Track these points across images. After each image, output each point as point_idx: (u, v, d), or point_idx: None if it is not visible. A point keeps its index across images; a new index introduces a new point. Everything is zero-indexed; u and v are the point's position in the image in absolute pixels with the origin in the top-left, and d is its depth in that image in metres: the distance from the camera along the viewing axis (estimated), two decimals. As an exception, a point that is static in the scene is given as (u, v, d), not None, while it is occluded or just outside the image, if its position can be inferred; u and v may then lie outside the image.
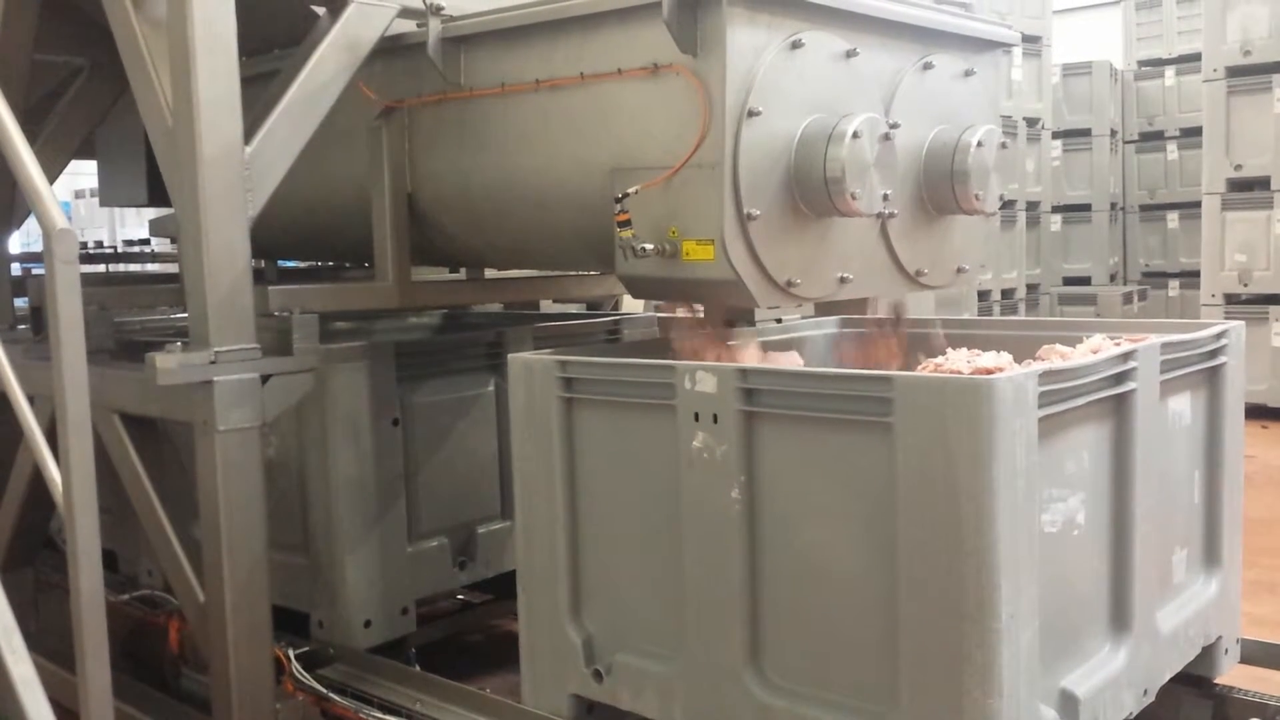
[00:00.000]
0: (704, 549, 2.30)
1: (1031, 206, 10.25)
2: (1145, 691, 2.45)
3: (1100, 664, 2.32)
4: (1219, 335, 2.72)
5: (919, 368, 2.54)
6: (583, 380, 2.50)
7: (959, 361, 2.51)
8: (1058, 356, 2.53)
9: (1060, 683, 2.20)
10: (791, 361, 2.95)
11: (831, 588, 2.15)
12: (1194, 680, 2.79)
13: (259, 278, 3.06)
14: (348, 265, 4.59)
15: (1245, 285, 7.70)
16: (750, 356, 2.92)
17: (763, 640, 2.26)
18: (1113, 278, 11.31)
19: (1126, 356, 2.34)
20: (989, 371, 2.24)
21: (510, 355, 2.64)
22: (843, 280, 2.78)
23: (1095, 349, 2.52)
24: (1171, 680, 2.61)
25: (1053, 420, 2.09)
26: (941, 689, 1.99)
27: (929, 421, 1.96)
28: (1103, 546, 2.35)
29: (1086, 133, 11.04)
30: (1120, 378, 2.33)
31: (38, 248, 2.69)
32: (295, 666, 3.02)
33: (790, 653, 2.23)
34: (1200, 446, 2.72)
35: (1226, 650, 2.83)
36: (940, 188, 2.91)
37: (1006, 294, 9.86)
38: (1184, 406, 2.63)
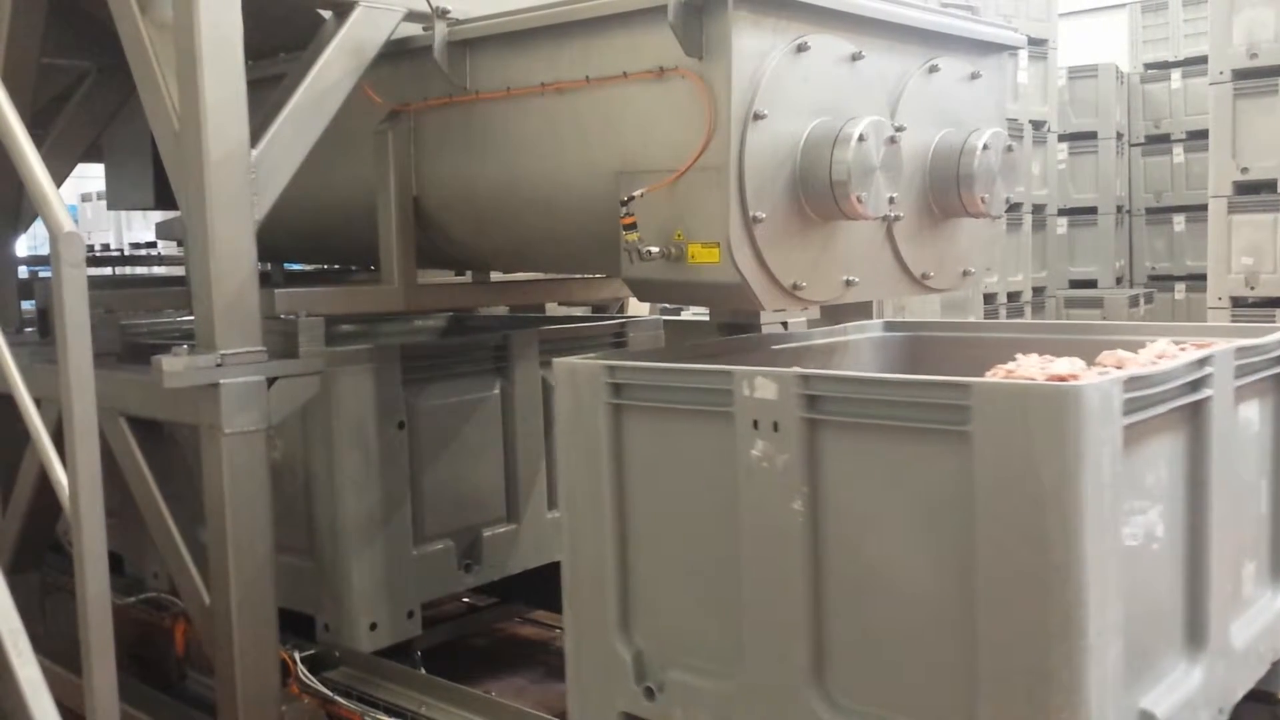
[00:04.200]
0: (764, 562, 2.19)
1: (1037, 209, 10.23)
2: (1220, 710, 2.35)
3: (1177, 682, 2.22)
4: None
5: (988, 374, 2.39)
6: (632, 386, 2.39)
7: (1031, 368, 2.36)
8: (1117, 363, 2.39)
9: (1139, 703, 2.10)
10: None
11: (901, 603, 2.04)
12: (1262, 697, 2.67)
13: (265, 281, 3.06)
14: (353, 268, 4.60)
15: (1252, 288, 7.68)
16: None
17: (827, 658, 2.15)
18: (1119, 281, 11.28)
19: (1203, 362, 2.23)
20: (1064, 378, 2.12)
21: (555, 360, 2.52)
22: (848, 283, 2.78)
23: (1160, 354, 2.41)
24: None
25: (1134, 429, 1.99)
26: (1023, 710, 1.89)
27: (1011, 430, 1.86)
28: (1178, 560, 2.25)
29: (1092, 135, 11.01)
30: (1197, 384, 2.23)
31: (44, 251, 2.69)
32: (301, 669, 3.02)
33: (857, 671, 2.12)
34: (1268, 454, 2.62)
35: (1294, 665, 2.70)
36: (946, 191, 2.90)
37: (1012, 297, 9.84)
38: (1253, 413, 2.53)
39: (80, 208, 15.17)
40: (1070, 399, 1.83)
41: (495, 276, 4.00)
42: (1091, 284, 11.00)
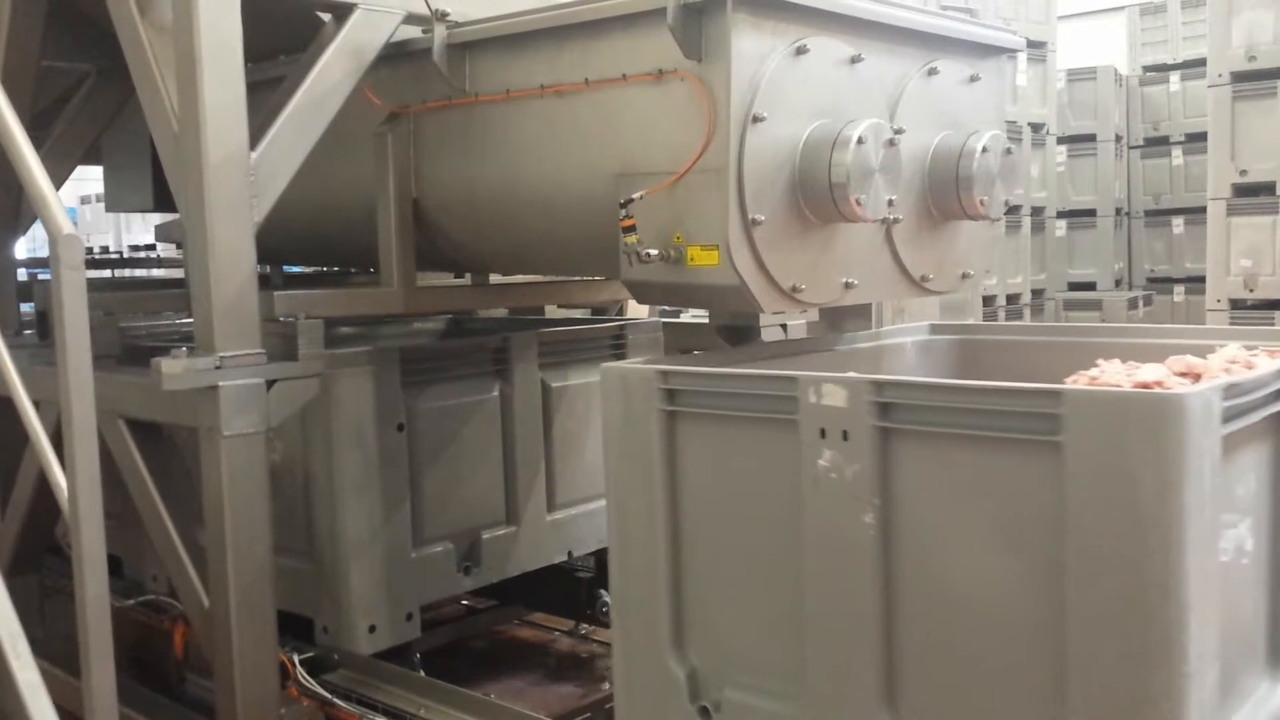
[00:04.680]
0: (831, 578, 2.08)
1: (1036, 212, 10.23)
2: None
3: (1260, 703, 2.13)
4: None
5: (1068, 381, 2.25)
6: (687, 392, 2.28)
7: (1116, 374, 2.23)
8: (1187, 369, 2.26)
9: (1227, 725, 2.00)
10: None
11: (981, 623, 1.94)
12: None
13: (264, 283, 3.06)
14: (353, 270, 4.60)
15: (1251, 291, 7.68)
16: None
17: (899, 679, 2.04)
18: (1118, 283, 11.28)
19: None
20: (1150, 385, 2.01)
21: (603, 366, 2.43)
22: (848, 285, 2.78)
23: (1233, 360, 2.30)
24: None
25: (1230, 439, 1.89)
26: (1119, 738, 1.78)
27: (1107, 440, 1.75)
28: (1262, 575, 2.16)
29: (1091, 138, 11.02)
30: (1286, 391, 2.11)
31: (44, 253, 2.69)
32: (300, 671, 3.02)
33: (931, 693, 2.01)
34: None
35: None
36: (945, 193, 2.91)
37: (1011, 299, 9.84)
38: None
39: (79, 210, 15.17)
40: (1173, 407, 1.72)
41: (494, 279, 4.00)
42: (1090, 286, 11.01)
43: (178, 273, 6.01)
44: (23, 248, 5.19)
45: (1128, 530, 1.75)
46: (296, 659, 3.04)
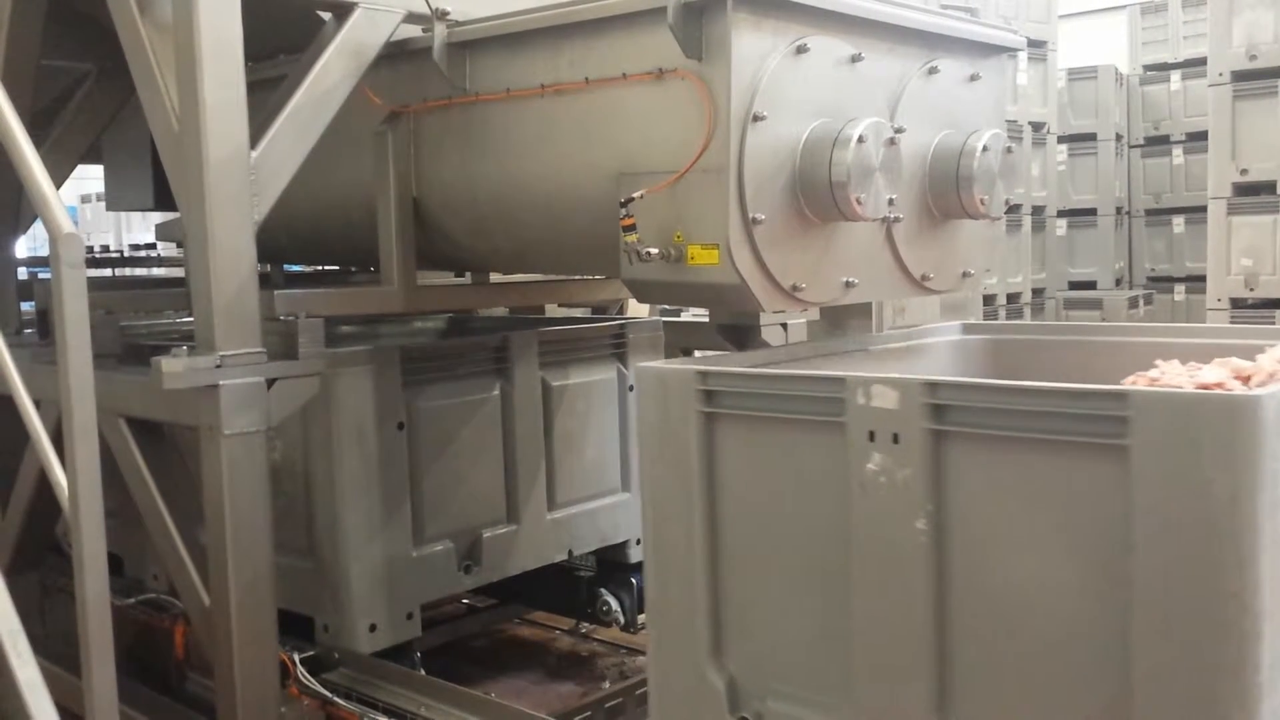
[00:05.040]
0: (881, 585, 2.01)
1: (1037, 211, 10.23)
2: None
3: None
4: None
5: (1125, 382, 2.17)
6: (727, 393, 2.21)
7: (1177, 375, 2.16)
8: (1236, 371, 2.19)
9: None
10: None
11: (1040, 632, 1.87)
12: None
13: (265, 282, 3.07)
14: (353, 270, 4.60)
15: (1251, 290, 7.68)
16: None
17: (952, 689, 1.97)
18: (1118, 282, 11.28)
19: None
20: (1210, 387, 1.95)
21: (638, 366, 2.37)
22: (848, 285, 2.78)
23: None
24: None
25: None
26: (1187, 754, 1.72)
27: (1177, 444, 1.69)
28: None
29: (1092, 137, 11.02)
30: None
31: (44, 252, 2.69)
32: (300, 670, 3.02)
33: (985, 704, 1.95)
34: None
35: None
36: (945, 192, 2.90)
37: (1012, 298, 9.84)
38: None
39: (80, 209, 15.18)
40: (1248, 410, 1.65)
41: (495, 278, 4.00)
42: (1091, 285, 11.01)
43: (178, 272, 6.00)
44: (23, 246, 5.19)
45: (1199, 537, 1.68)
46: (297, 658, 3.04)
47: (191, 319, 2.88)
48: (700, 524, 2.25)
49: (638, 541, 3.94)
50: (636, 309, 4.50)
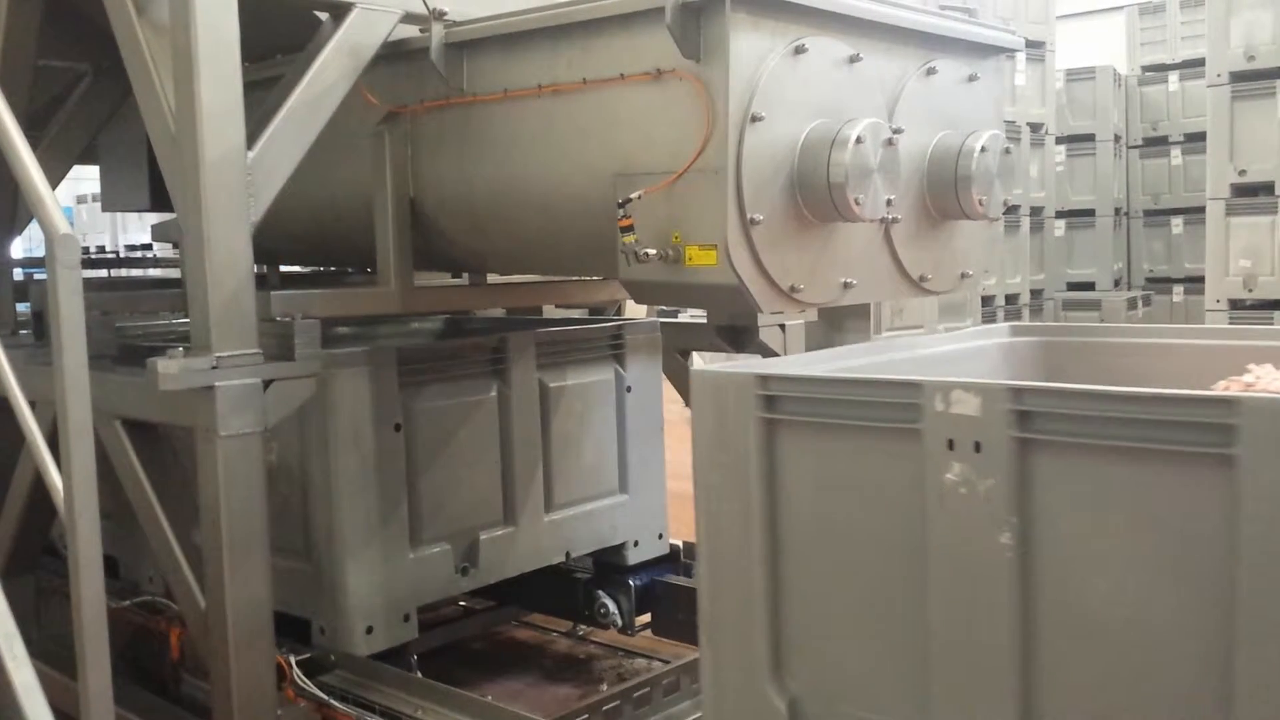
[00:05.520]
0: (960, 601, 1.91)
1: (1035, 212, 10.25)
2: None
3: None
4: None
5: (1219, 386, 2.07)
6: (789, 399, 2.10)
7: (1274, 380, 2.07)
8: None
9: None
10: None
11: (1132, 654, 1.78)
12: None
13: (261, 283, 3.06)
14: (350, 270, 4.59)
15: (1250, 290, 7.69)
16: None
17: (1038, 712, 1.88)
18: (1117, 283, 11.30)
19: None
20: None
21: (694, 369, 2.30)
22: (846, 285, 2.78)
23: None
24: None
25: None
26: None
27: None
28: None
29: (1090, 138, 11.04)
30: None
31: (40, 253, 2.68)
32: (296, 673, 3.01)
33: None
34: None
35: None
36: (944, 193, 2.90)
37: (1010, 299, 9.86)
38: None
39: (76, 210, 15.17)
40: None
41: (492, 278, 3.99)
42: (1089, 286, 11.03)
43: (174, 272, 5.99)
44: (19, 247, 5.18)
45: None
46: (293, 660, 3.03)
47: (187, 320, 2.88)
48: (760, 536, 2.14)
49: (635, 543, 3.93)
50: (634, 310, 4.49)
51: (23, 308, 4.13)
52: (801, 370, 2.20)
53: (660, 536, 4.03)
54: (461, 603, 4.28)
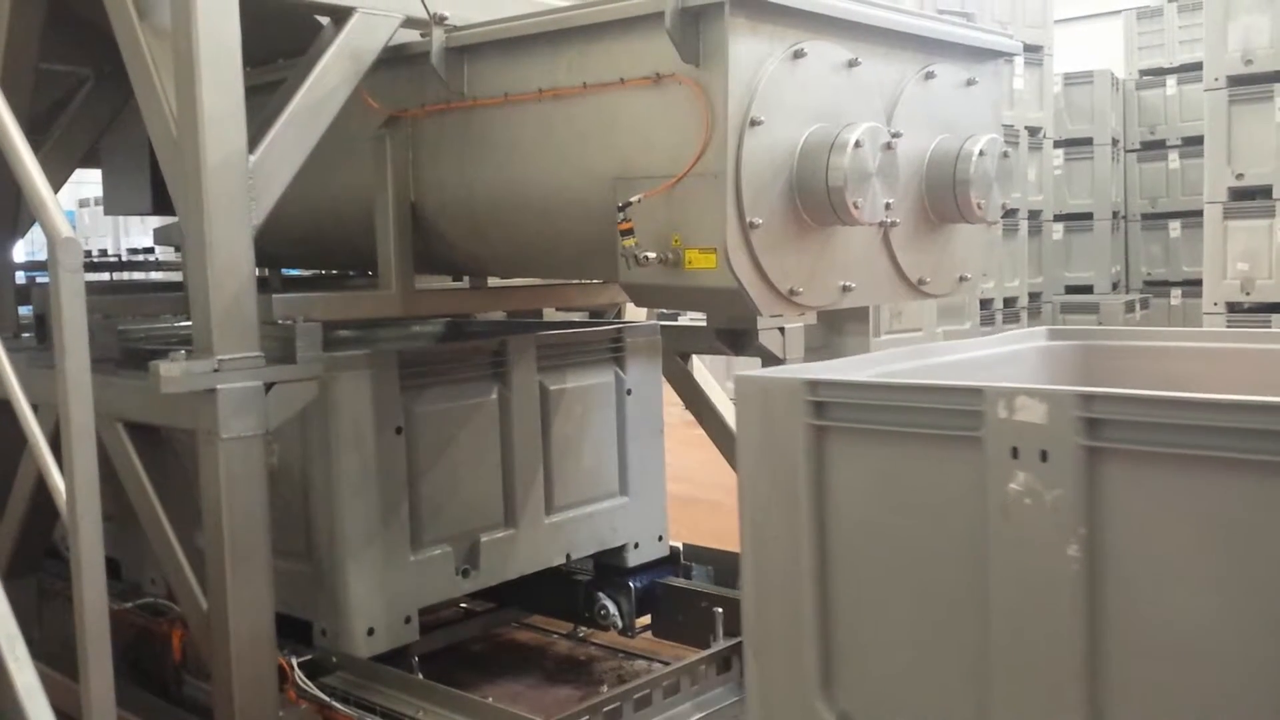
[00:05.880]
0: (1024, 615, 1.84)
1: (1033, 215, 10.26)
2: None
3: None
4: None
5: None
6: (840, 405, 2.03)
7: None
8: None
9: None
10: None
11: (1209, 678, 1.70)
12: None
13: (263, 286, 3.07)
14: (351, 274, 4.60)
15: (1248, 294, 7.70)
16: None
17: None
18: (1115, 286, 11.31)
19: None
20: None
21: (739, 375, 2.19)
22: (845, 289, 2.79)
23: None
24: None
25: None
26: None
27: None
28: None
29: (1088, 142, 11.05)
30: None
31: (42, 256, 2.69)
32: (298, 674, 3.02)
33: None
34: None
35: None
36: (942, 196, 2.91)
37: (1009, 302, 9.87)
38: None
39: (78, 213, 15.18)
40: None
41: (493, 282, 4.00)
42: (1087, 290, 11.04)
43: (176, 276, 6.00)
44: (21, 251, 5.19)
45: None
46: (295, 662, 3.04)
47: (189, 323, 2.89)
48: (808, 545, 2.07)
49: (635, 545, 3.94)
50: (634, 313, 4.50)
51: (25, 311, 4.14)
52: (853, 375, 2.14)
53: (660, 539, 4.04)
54: (462, 605, 4.29)
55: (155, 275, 7.20)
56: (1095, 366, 2.79)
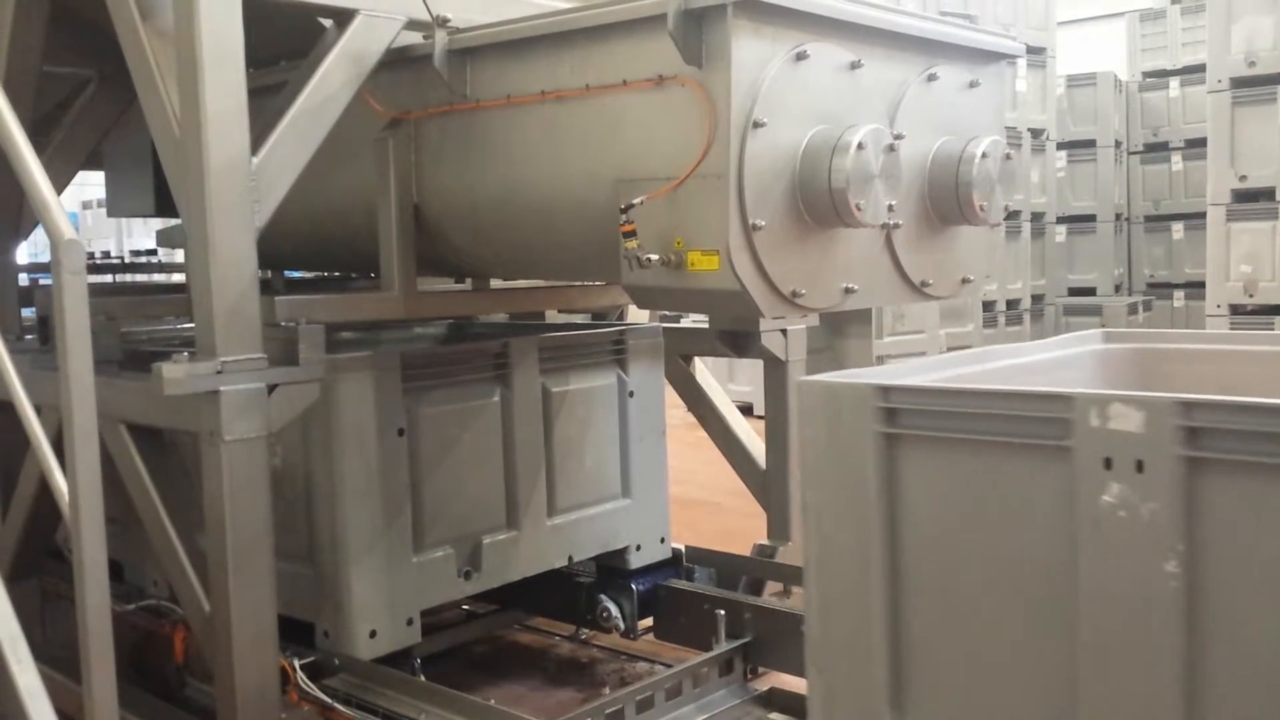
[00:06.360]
0: (1118, 636, 1.76)
1: (1036, 217, 10.26)
2: None
3: None
4: None
5: None
6: (913, 412, 1.95)
7: None
8: None
9: None
10: None
11: None
12: None
13: (266, 288, 3.07)
14: (354, 276, 4.61)
15: (1251, 296, 7.69)
16: None
17: None
18: (1118, 288, 11.31)
19: None
20: None
21: (801, 380, 2.12)
22: (848, 291, 2.79)
23: None
24: None
25: None
26: None
27: None
28: None
29: (1091, 144, 11.06)
30: None
31: (45, 258, 2.70)
32: (300, 676, 3.02)
33: None
34: None
35: None
36: (945, 198, 2.91)
37: (1011, 304, 9.87)
38: None
39: (81, 215, 15.20)
40: None
41: (495, 284, 4.00)
42: (1090, 292, 11.04)
43: (179, 278, 6.00)
44: (24, 252, 5.19)
45: None
46: (297, 664, 3.04)
47: (192, 325, 2.89)
48: (879, 557, 1.99)
49: (638, 547, 3.94)
50: (636, 315, 4.51)
51: (28, 313, 4.15)
52: (927, 380, 2.06)
53: (663, 540, 4.03)
54: (464, 606, 4.29)
55: (158, 277, 7.20)
56: (1152, 370, 2.71)
